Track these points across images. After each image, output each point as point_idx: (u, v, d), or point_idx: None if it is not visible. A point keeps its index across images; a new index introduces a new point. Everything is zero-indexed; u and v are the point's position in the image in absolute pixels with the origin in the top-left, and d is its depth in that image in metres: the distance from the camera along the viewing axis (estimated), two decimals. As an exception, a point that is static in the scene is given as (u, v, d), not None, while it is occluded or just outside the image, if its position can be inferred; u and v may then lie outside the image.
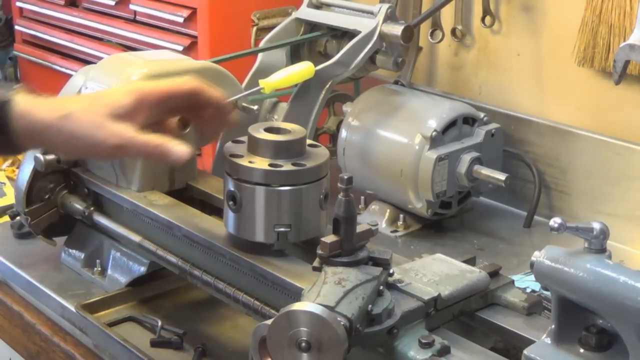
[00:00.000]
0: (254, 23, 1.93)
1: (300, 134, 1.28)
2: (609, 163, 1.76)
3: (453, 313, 1.19)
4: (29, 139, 1.21)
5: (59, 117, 1.18)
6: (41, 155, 1.52)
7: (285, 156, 1.25)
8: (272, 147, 1.25)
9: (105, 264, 1.59)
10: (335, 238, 1.11)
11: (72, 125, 1.18)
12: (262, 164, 1.25)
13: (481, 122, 1.78)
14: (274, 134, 1.27)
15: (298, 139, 1.26)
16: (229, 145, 1.30)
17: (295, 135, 1.27)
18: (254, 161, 1.25)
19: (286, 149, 1.25)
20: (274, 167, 1.24)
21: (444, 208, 1.77)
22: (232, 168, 1.27)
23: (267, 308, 1.25)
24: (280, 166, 1.25)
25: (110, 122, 1.18)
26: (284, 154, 1.25)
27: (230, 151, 1.28)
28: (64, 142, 1.21)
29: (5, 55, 2.80)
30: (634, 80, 1.76)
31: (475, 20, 2.02)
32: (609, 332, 1.00)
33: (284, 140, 1.26)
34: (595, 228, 0.99)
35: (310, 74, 1.68)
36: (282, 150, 1.25)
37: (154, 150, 1.19)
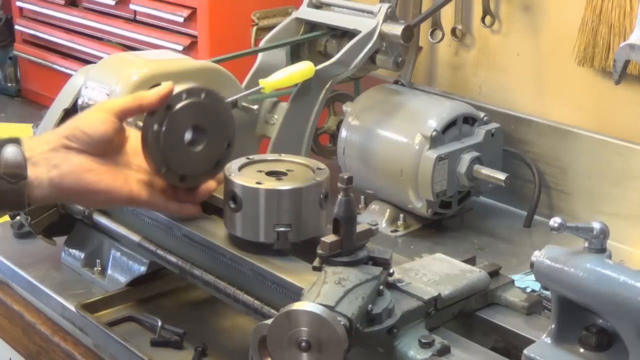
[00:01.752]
0: (254, 23, 1.93)
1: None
2: (609, 163, 1.76)
3: (453, 313, 1.19)
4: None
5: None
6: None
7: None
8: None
9: (105, 263, 1.59)
10: (335, 238, 1.11)
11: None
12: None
13: (481, 121, 1.78)
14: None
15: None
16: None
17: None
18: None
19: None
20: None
21: (444, 208, 1.77)
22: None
23: (267, 308, 1.25)
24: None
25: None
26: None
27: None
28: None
29: (5, 55, 2.80)
30: (634, 80, 1.76)
31: (475, 20, 2.02)
32: (609, 332, 1.00)
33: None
34: (595, 228, 0.99)
35: (310, 73, 1.68)
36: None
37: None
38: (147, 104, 1.27)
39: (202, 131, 1.30)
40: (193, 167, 1.30)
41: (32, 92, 2.75)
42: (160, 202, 1.30)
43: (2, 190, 1.18)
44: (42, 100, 2.62)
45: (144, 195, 1.28)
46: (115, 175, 1.26)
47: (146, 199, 1.28)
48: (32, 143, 1.23)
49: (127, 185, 1.27)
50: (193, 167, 1.30)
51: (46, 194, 1.21)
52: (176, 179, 1.29)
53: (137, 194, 1.27)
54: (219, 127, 1.31)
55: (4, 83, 2.81)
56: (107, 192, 1.25)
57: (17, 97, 2.79)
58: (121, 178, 1.26)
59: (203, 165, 1.31)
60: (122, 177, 1.27)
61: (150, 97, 1.27)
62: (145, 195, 1.28)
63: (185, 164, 1.29)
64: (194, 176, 1.31)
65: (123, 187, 1.26)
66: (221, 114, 1.32)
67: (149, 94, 1.27)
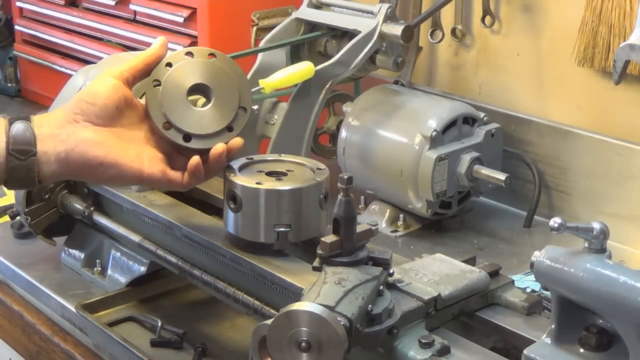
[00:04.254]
0: (254, 23, 1.93)
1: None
2: (609, 163, 1.76)
3: (453, 313, 1.19)
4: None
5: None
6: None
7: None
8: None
9: (105, 264, 1.59)
10: (335, 238, 1.11)
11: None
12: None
13: (481, 122, 1.78)
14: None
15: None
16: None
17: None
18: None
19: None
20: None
21: (444, 208, 1.77)
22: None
23: (267, 308, 1.25)
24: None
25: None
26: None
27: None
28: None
29: (5, 55, 2.80)
30: (634, 80, 1.76)
31: (475, 20, 2.02)
32: (609, 332, 1.00)
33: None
34: (595, 228, 0.99)
35: (310, 74, 1.68)
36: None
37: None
38: (153, 61, 1.25)
39: (207, 91, 1.28)
40: (197, 126, 1.25)
41: (32, 92, 2.75)
42: (176, 180, 1.25)
43: (12, 167, 1.17)
44: (42, 100, 2.62)
45: (156, 173, 1.23)
46: (125, 148, 1.22)
47: (159, 177, 1.23)
48: (42, 120, 1.21)
49: (138, 160, 1.22)
50: (197, 126, 1.25)
51: (54, 169, 1.19)
52: (180, 137, 1.25)
53: (149, 170, 1.22)
54: (229, 90, 1.28)
55: (4, 83, 2.81)
56: (115, 166, 1.20)
57: (17, 97, 2.79)
58: (132, 152, 1.22)
59: (210, 126, 1.27)
60: (134, 151, 1.22)
61: (153, 54, 1.26)
62: (158, 172, 1.23)
63: (189, 122, 1.25)
64: (201, 137, 1.26)
65: (133, 162, 1.21)
66: (231, 77, 1.29)
67: (152, 51, 1.26)
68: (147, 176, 1.23)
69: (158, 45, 1.27)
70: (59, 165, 1.19)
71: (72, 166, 1.19)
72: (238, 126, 1.28)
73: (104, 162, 1.20)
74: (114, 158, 1.20)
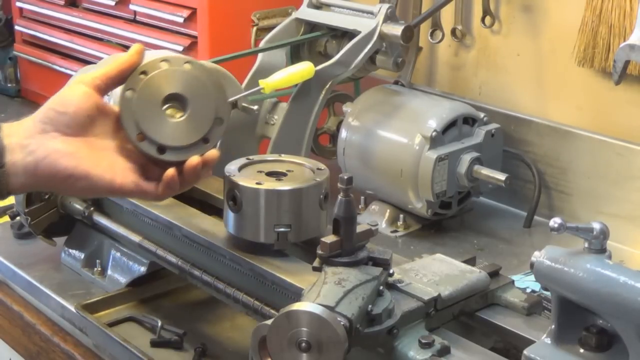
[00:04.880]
0: (254, 23, 1.93)
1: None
2: (609, 163, 1.76)
3: (453, 313, 1.19)
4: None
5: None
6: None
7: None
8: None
9: (105, 264, 1.59)
10: (335, 238, 1.11)
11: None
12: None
13: (481, 122, 1.78)
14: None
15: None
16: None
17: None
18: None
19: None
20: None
21: (444, 208, 1.77)
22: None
23: (267, 308, 1.25)
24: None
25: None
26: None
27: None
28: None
29: (5, 55, 2.80)
30: (634, 80, 1.76)
31: (475, 21, 2.02)
32: (609, 332, 1.00)
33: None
34: (595, 228, 0.99)
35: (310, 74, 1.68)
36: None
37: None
38: (127, 68, 1.19)
39: (183, 101, 1.22)
40: (172, 137, 1.19)
41: (32, 93, 2.75)
42: (150, 191, 1.18)
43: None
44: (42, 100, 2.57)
45: (129, 184, 1.17)
46: (97, 159, 1.15)
47: (132, 188, 1.17)
48: (12, 129, 1.15)
49: (110, 171, 1.15)
50: (172, 138, 1.19)
51: (23, 181, 1.13)
52: (153, 149, 1.19)
53: (121, 182, 1.16)
54: (205, 100, 1.23)
55: (4, 83, 2.81)
56: (86, 178, 1.14)
57: (17, 98, 2.79)
58: (104, 163, 1.16)
59: (185, 137, 1.20)
60: (106, 162, 1.16)
61: (126, 60, 1.19)
62: (131, 184, 1.17)
63: (164, 133, 1.19)
64: (175, 149, 1.20)
65: (105, 173, 1.15)
66: (208, 87, 1.23)
67: (125, 58, 1.20)
68: (119, 187, 1.17)
69: (133, 52, 1.21)
70: (27, 177, 1.13)
71: (41, 178, 1.14)
72: (214, 138, 1.23)
73: (74, 174, 1.14)
74: (85, 169, 1.14)
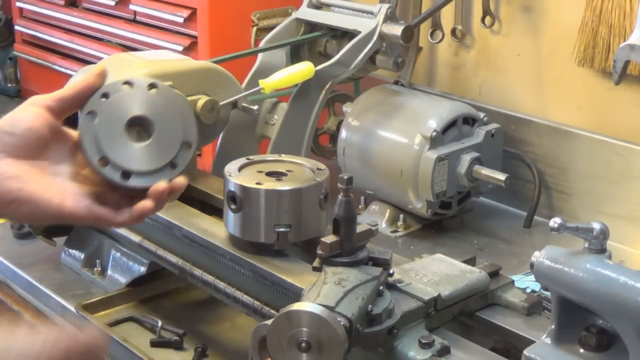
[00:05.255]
0: (254, 23, 1.93)
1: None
2: (609, 163, 1.76)
3: (453, 313, 1.19)
4: None
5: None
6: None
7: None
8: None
9: (105, 264, 1.59)
10: (335, 238, 1.11)
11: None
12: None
13: (481, 122, 1.78)
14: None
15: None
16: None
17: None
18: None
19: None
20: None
21: (444, 208, 1.77)
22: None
23: (267, 308, 1.25)
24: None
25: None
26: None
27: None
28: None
29: (5, 55, 2.80)
30: (634, 80, 1.76)
31: (475, 21, 2.02)
32: (609, 332, 1.00)
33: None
34: (595, 228, 0.99)
35: (310, 74, 1.68)
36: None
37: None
38: (84, 90, 1.13)
39: (148, 124, 1.16)
40: (138, 162, 1.14)
41: (32, 93, 2.74)
42: (105, 217, 1.11)
43: None
44: (42, 100, 2.62)
45: (81, 210, 1.09)
46: (46, 184, 1.09)
47: (83, 214, 1.09)
48: None
49: (59, 196, 1.08)
50: (138, 163, 1.14)
51: None
52: (117, 175, 1.12)
53: (72, 207, 1.09)
54: (171, 123, 1.17)
55: (4, 83, 2.81)
56: (30, 202, 1.07)
57: (17, 98, 2.79)
58: (54, 188, 1.09)
59: (150, 162, 1.15)
60: (56, 187, 1.09)
61: (84, 82, 1.13)
62: (82, 209, 1.09)
63: (128, 158, 1.13)
64: (141, 174, 1.14)
65: (53, 199, 1.08)
66: (174, 110, 1.18)
67: (83, 80, 1.13)
68: (69, 213, 1.09)
69: (93, 74, 1.14)
70: None
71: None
72: (182, 163, 1.16)
73: (18, 198, 1.07)
74: (29, 193, 1.07)
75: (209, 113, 1.54)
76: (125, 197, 1.13)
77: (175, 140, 1.17)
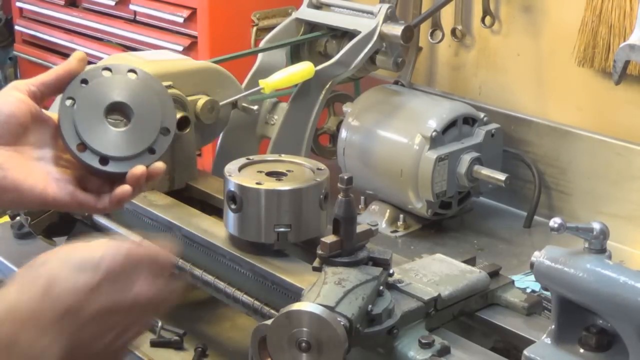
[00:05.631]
0: (254, 23, 1.93)
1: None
2: (609, 163, 1.76)
3: (453, 313, 1.19)
4: None
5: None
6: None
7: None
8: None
9: (105, 264, 1.59)
10: (335, 238, 1.10)
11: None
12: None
13: (481, 122, 1.78)
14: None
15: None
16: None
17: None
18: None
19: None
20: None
21: (444, 208, 1.77)
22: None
23: (267, 308, 1.25)
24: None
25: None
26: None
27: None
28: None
29: (5, 55, 2.81)
30: (634, 80, 1.76)
31: (475, 21, 2.02)
32: (609, 332, 1.00)
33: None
34: (595, 228, 0.99)
35: (310, 74, 1.68)
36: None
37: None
38: (65, 75, 1.13)
39: (126, 110, 1.17)
40: (115, 147, 1.14)
41: (32, 93, 2.74)
42: (88, 203, 1.12)
43: None
44: (42, 100, 2.62)
45: (64, 197, 1.10)
46: (29, 170, 1.09)
47: (67, 201, 1.11)
48: None
49: (42, 183, 1.09)
50: (115, 148, 1.14)
51: None
52: (95, 160, 1.13)
53: (55, 193, 1.10)
54: (150, 109, 1.17)
55: (4, 83, 2.81)
56: (14, 190, 1.08)
57: (17, 98, 2.79)
58: (37, 175, 1.10)
59: (128, 148, 1.15)
60: (40, 173, 1.10)
61: (64, 67, 1.14)
62: (66, 196, 1.11)
63: (106, 143, 1.13)
64: (119, 159, 1.14)
65: (36, 185, 1.09)
66: (153, 96, 1.18)
67: (64, 66, 1.14)
68: (53, 200, 1.11)
69: (73, 60, 1.15)
70: None
71: None
72: (160, 148, 1.16)
73: (1, 186, 1.07)
74: (12, 181, 1.08)
75: (209, 113, 1.54)
76: (107, 182, 1.14)
77: (153, 126, 1.17)
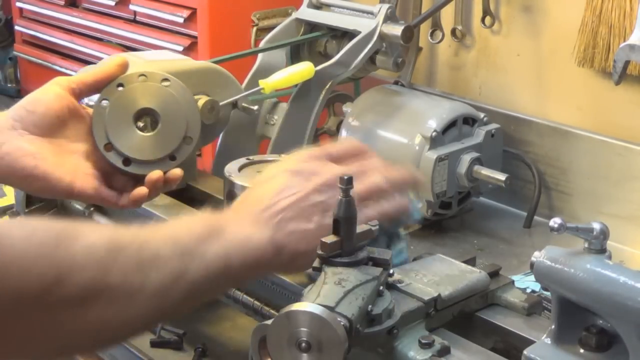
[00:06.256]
0: (254, 23, 1.93)
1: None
2: (609, 163, 1.76)
3: (453, 313, 1.18)
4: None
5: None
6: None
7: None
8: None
9: (105, 264, 1.59)
10: (335, 238, 1.10)
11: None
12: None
13: (481, 122, 1.78)
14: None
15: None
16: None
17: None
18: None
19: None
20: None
21: (444, 208, 1.77)
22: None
23: (267, 308, 1.25)
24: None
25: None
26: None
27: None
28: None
29: (5, 55, 2.80)
30: (634, 80, 1.76)
31: (475, 21, 2.02)
32: (609, 332, 1.00)
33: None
34: (595, 228, 0.99)
35: (310, 74, 1.68)
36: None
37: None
38: (104, 78, 1.22)
39: (155, 116, 1.25)
40: (139, 151, 1.23)
41: (32, 93, 2.74)
42: (110, 199, 1.22)
43: None
44: (42, 100, 2.62)
45: (89, 190, 1.19)
46: (60, 162, 1.18)
47: (91, 194, 1.20)
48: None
49: (70, 175, 1.18)
50: (139, 151, 1.23)
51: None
52: (119, 161, 1.22)
53: (81, 186, 1.19)
54: (176, 117, 1.26)
55: (4, 83, 2.81)
56: (44, 179, 1.16)
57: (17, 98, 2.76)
58: (67, 167, 1.18)
59: (151, 152, 1.25)
60: (70, 166, 1.19)
61: (104, 70, 1.23)
62: (91, 189, 1.19)
63: (131, 146, 1.23)
64: (140, 162, 1.24)
65: (64, 177, 1.17)
66: (181, 105, 1.27)
67: (104, 68, 1.23)
68: (78, 192, 1.19)
69: (113, 64, 1.24)
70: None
71: (1, 173, 1.16)
72: (181, 156, 1.25)
73: (32, 174, 1.16)
74: (43, 171, 1.16)
75: (209, 113, 1.54)
76: (131, 180, 1.23)
77: (178, 134, 1.25)
